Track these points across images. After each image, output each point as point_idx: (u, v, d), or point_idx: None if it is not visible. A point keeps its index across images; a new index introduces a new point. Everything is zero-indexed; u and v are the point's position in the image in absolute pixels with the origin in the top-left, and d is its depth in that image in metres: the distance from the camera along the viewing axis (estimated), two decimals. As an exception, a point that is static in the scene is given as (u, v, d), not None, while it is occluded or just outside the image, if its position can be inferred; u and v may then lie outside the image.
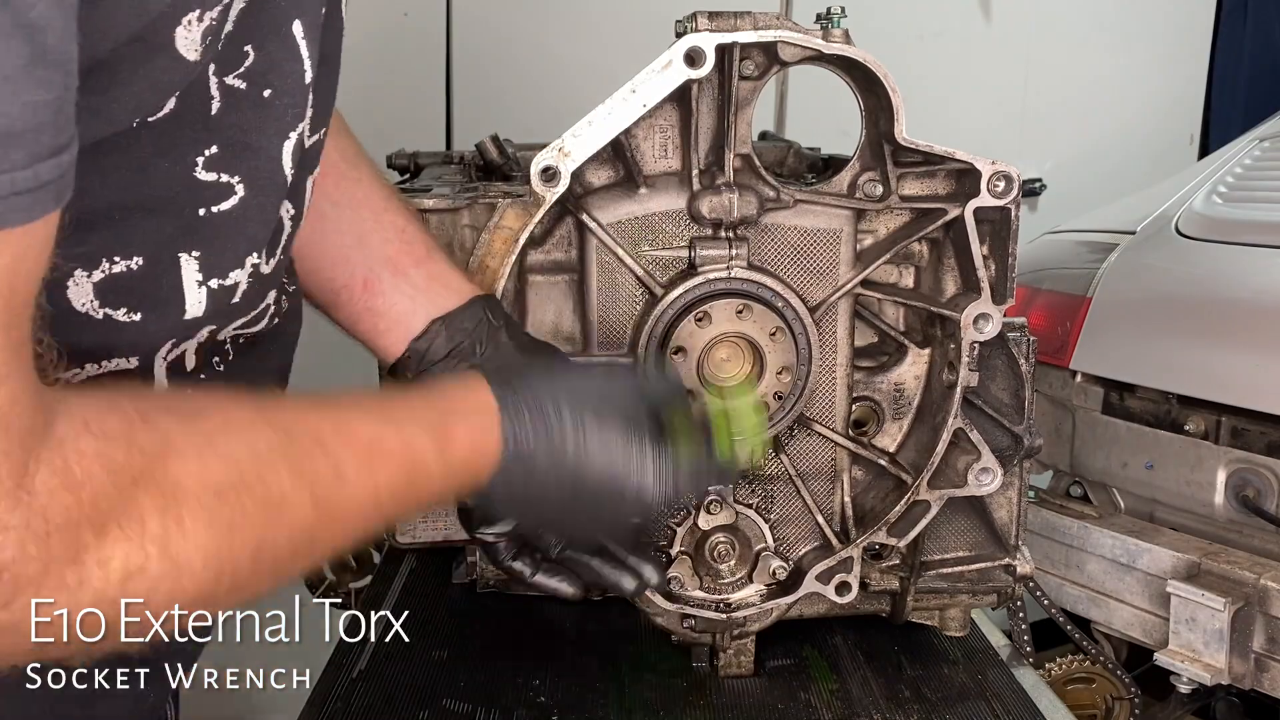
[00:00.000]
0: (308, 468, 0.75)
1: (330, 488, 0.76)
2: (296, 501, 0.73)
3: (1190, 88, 4.07)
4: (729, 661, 1.32)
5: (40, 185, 0.54)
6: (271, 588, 0.76)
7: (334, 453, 0.77)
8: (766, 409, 1.18)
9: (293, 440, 0.75)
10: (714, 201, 1.15)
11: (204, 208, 0.74)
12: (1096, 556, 2.39)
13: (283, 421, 0.76)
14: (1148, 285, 2.55)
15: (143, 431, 0.65)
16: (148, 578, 0.63)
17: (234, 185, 0.75)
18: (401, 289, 1.07)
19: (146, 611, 0.64)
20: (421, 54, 2.94)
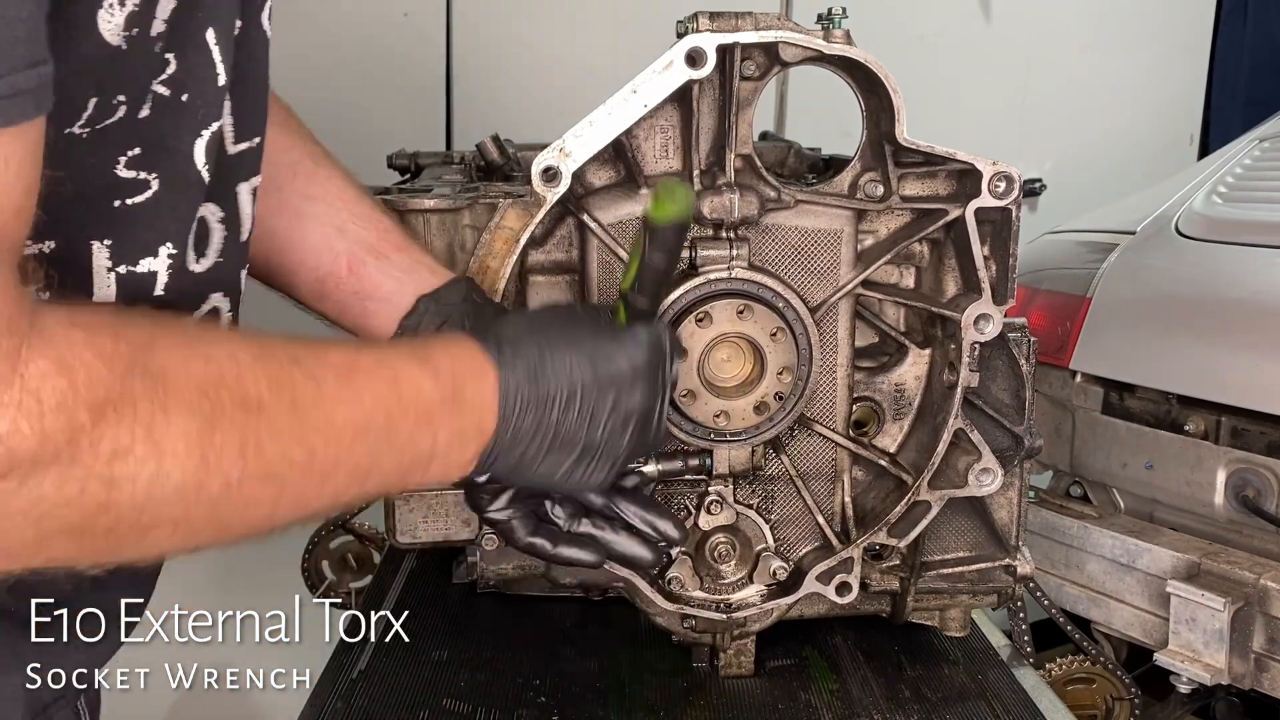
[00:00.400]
0: (284, 378, 0.76)
1: (309, 397, 0.77)
2: (275, 408, 0.75)
3: (1190, 88, 4.07)
4: (729, 661, 1.32)
5: (16, 93, 0.57)
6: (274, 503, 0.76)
7: (310, 369, 0.79)
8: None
9: (268, 354, 0.77)
10: (715, 202, 1.15)
11: (119, 200, 0.78)
12: (1096, 556, 2.39)
13: (256, 339, 0.78)
14: (1148, 285, 2.55)
15: (128, 326, 0.69)
16: (133, 461, 0.66)
17: (149, 181, 0.78)
18: (386, 271, 1.08)
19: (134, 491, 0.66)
20: (421, 54, 2.93)
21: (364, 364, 0.83)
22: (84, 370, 0.64)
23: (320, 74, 2.23)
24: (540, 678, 1.30)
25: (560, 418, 0.93)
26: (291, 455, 0.76)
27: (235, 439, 0.71)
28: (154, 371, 0.68)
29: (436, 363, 0.88)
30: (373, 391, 0.82)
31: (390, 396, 0.83)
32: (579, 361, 0.94)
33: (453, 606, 1.47)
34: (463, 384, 0.89)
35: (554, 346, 0.94)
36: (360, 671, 1.29)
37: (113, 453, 0.65)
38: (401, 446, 0.85)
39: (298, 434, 0.76)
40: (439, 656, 1.34)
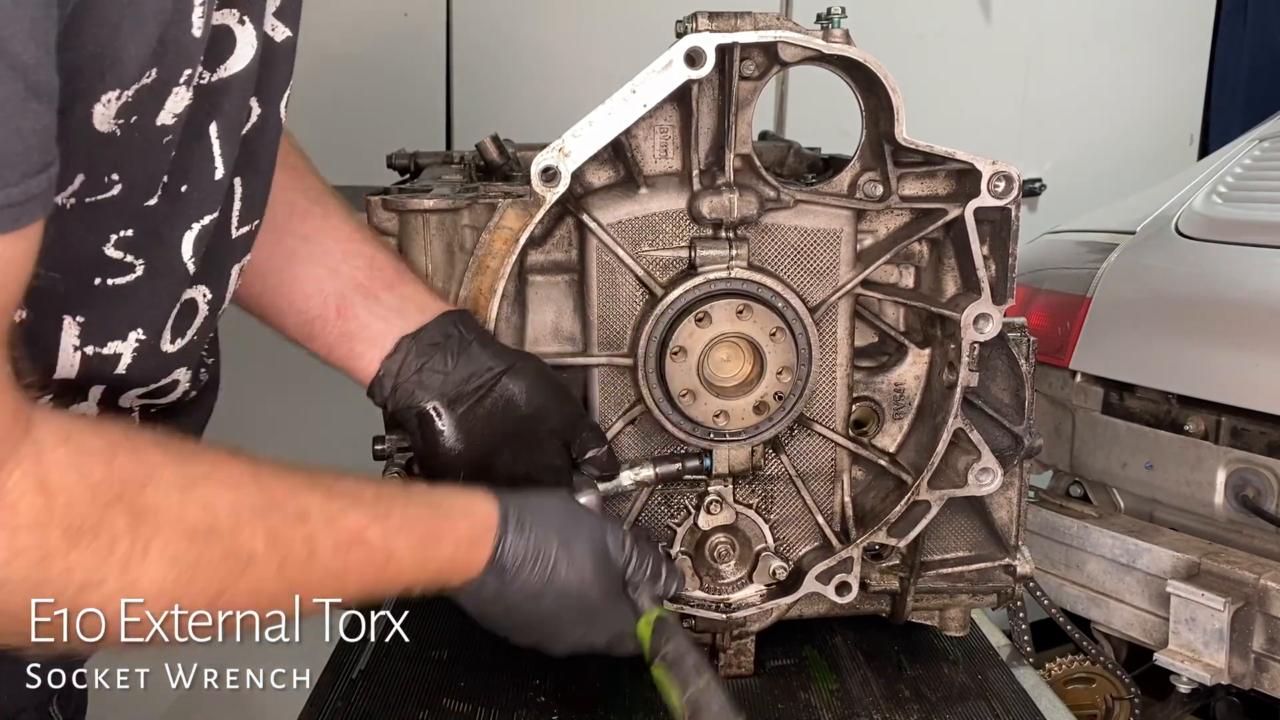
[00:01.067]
0: (284, 538, 0.78)
1: (299, 563, 0.79)
2: (264, 565, 0.76)
3: (1190, 88, 4.07)
4: (729, 661, 1.32)
5: (29, 198, 0.60)
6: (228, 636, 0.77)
7: (314, 532, 0.80)
8: None
9: (277, 508, 0.78)
10: (714, 201, 1.15)
11: (100, 278, 0.79)
12: (1096, 556, 2.39)
13: (272, 487, 0.79)
14: (1148, 285, 2.55)
15: (126, 456, 0.69)
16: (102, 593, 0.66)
17: (135, 265, 0.80)
18: (374, 311, 1.09)
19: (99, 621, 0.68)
20: (421, 54, 2.93)
21: (370, 539, 0.84)
22: (64, 495, 0.64)
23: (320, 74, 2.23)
24: (540, 678, 1.30)
25: (517, 627, 0.98)
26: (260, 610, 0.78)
27: (213, 588, 0.73)
28: (140, 510, 0.68)
29: (436, 559, 0.90)
30: (359, 572, 0.84)
31: (371, 578, 0.85)
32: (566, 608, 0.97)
33: (453, 606, 1.45)
34: (451, 578, 0.92)
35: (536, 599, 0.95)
36: (360, 671, 1.29)
37: (84, 584, 0.65)
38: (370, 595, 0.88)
39: (274, 591, 0.78)
40: (439, 656, 1.34)
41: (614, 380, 1.21)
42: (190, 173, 0.80)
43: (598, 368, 1.21)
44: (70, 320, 0.79)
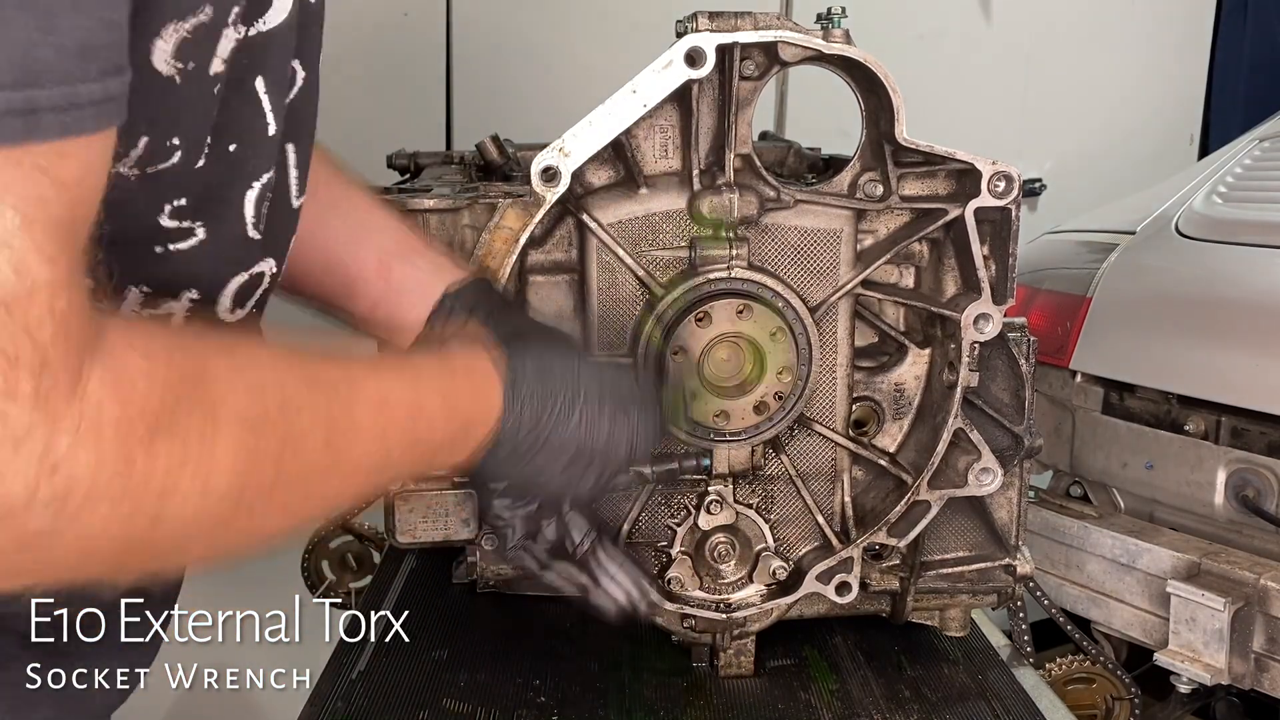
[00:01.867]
0: (324, 411, 0.78)
1: (343, 432, 0.79)
2: (312, 441, 0.76)
3: (1190, 88, 4.06)
4: (729, 661, 1.32)
5: (108, 98, 0.57)
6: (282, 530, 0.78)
7: (349, 401, 0.80)
8: None
9: (313, 384, 0.78)
10: (714, 201, 1.15)
11: (161, 245, 0.78)
12: (1096, 556, 2.39)
13: (305, 365, 0.79)
14: (1148, 285, 2.55)
15: (181, 354, 0.68)
16: (180, 494, 0.65)
17: (195, 229, 0.79)
18: (413, 271, 1.10)
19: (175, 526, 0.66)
20: (421, 54, 2.93)
21: (397, 397, 0.86)
22: (140, 399, 0.62)
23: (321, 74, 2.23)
24: (540, 678, 1.30)
25: (559, 420, 0.96)
26: (311, 488, 0.78)
27: (270, 475, 0.72)
28: (206, 404, 0.67)
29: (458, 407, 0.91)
30: (399, 433, 0.85)
31: (410, 436, 0.87)
32: (586, 371, 0.98)
33: (453, 606, 1.47)
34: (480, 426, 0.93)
35: (564, 354, 0.98)
36: (360, 671, 1.29)
37: (162, 489, 0.64)
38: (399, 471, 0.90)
39: (325, 469, 0.78)
40: (439, 656, 1.34)
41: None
42: (239, 130, 0.78)
43: (598, 368, 1.21)
44: (135, 290, 0.78)
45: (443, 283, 1.09)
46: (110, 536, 0.63)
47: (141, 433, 0.62)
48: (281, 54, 0.80)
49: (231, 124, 0.77)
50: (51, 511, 0.59)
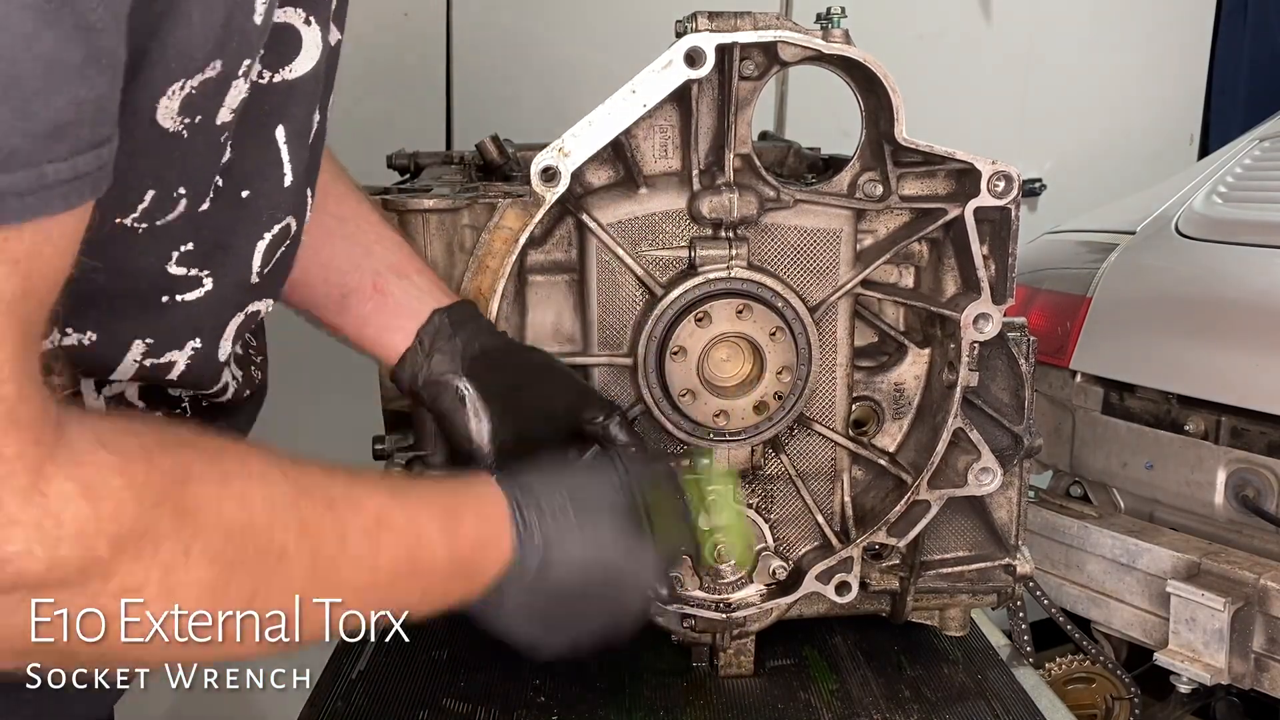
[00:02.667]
0: (314, 527, 0.74)
1: (331, 551, 0.76)
2: (296, 559, 0.73)
3: (1190, 88, 4.06)
4: (729, 661, 1.32)
5: (77, 176, 0.55)
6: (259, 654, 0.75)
7: (341, 517, 0.77)
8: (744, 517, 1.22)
9: (304, 496, 0.75)
10: (714, 201, 1.15)
11: (168, 295, 0.76)
12: (1096, 556, 2.39)
13: (297, 477, 0.76)
14: (1148, 285, 2.55)
15: (161, 455, 0.65)
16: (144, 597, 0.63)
17: (203, 279, 0.77)
18: (408, 288, 1.10)
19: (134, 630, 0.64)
20: (421, 54, 2.93)
21: (394, 521, 0.82)
22: (112, 500, 0.59)
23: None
24: (540, 678, 1.30)
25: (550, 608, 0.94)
26: (290, 606, 0.74)
27: (248, 589, 0.69)
28: (185, 509, 0.64)
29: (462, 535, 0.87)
30: (391, 555, 0.81)
31: (405, 561, 0.83)
32: (592, 568, 0.94)
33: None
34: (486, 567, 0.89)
35: (574, 546, 0.93)
36: (360, 672, 1.29)
37: (122, 589, 0.61)
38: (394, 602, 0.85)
39: (308, 588, 0.75)
40: (439, 656, 1.34)
41: (614, 380, 1.21)
42: (254, 177, 0.77)
43: (597, 368, 1.21)
44: (139, 342, 0.77)
45: (434, 301, 1.09)
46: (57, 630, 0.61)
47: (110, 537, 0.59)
48: (306, 102, 0.79)
49: (247, 170, 0.76)
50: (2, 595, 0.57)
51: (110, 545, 0.59)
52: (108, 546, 0.59)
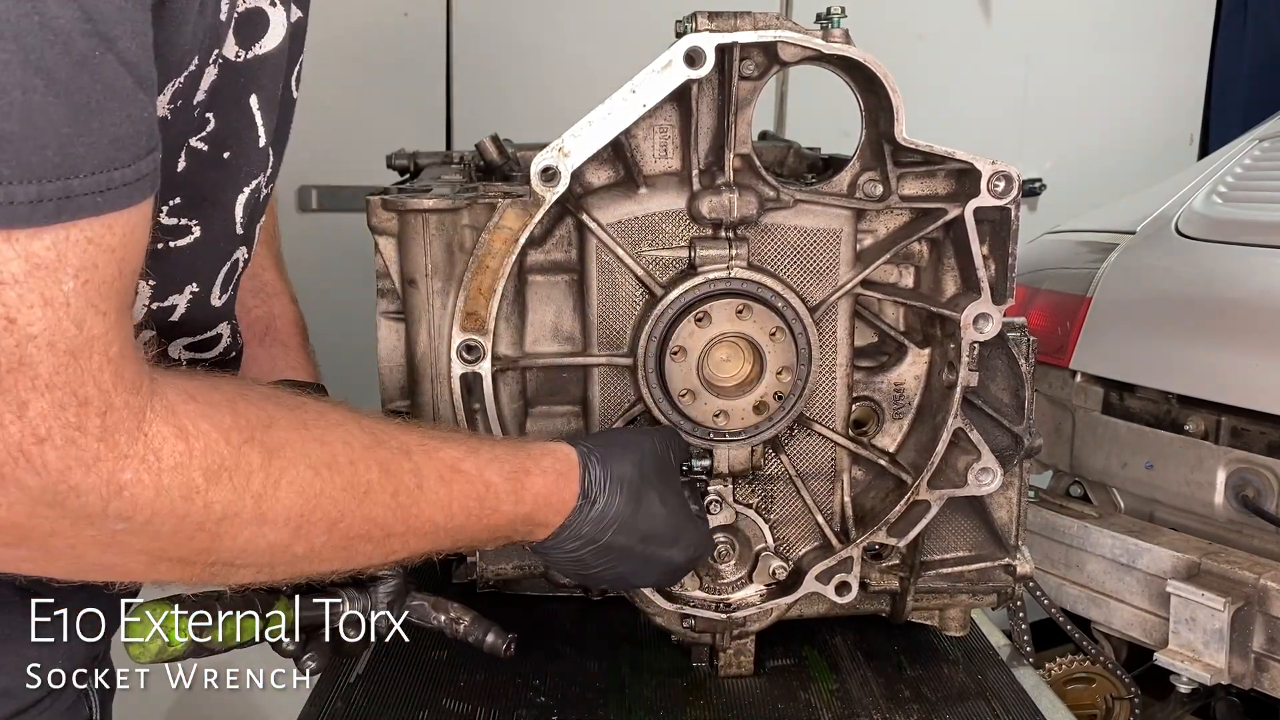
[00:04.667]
0: (393, 469, 0.86)
1: (410, 492, 0.87)
2: (379, 495, 0.84)
3: (1190, 88, 4.07)
4: (729, 661, 1.32)
5: (140, 177, 0.67)
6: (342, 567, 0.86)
7: (418, 463, 0.88)
8: None
9: (382, 443, 0.86)
10: (714, 201, 1.15)
11: (163, 243, 0.86)
12: (1096, 556, 2.39)
13: (373, 428, 0.87)
14: (1148, 285, 2.55)
15: (245, 404, 0.77)
16: (239, 523, 0.74)
17: (192, 227, 0.88)
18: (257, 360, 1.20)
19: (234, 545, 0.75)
20: (421, 54, 2.93)
21: (466, 469, 0.92)
22: (202, 440, 0.71)
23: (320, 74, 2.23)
24: (540, 678, 1.30)
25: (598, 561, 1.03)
26: (373, 536, 0.85)
27: (331, 516, 0.80)
28: (271, 448, 0.76)
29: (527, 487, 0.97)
30: (462, 499, 0.91)
31: (473, 508, 0.93)
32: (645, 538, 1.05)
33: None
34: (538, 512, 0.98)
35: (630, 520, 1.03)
36: (360, 672, 1.29)
37: (223, 515, 0.73)
38: (460, 542, 0.95)
39: (386, 521, 0.85)
40: (439, 656, 1.34)
41: (614, 380, 1.21)
42: (232, 140, 0.87)
43: (597, 368, 1.21)
44: (144, 284, 0.87)
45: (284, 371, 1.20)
46: (176, 545, 0.73)
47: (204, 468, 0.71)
48: (274, 74, 0.89)
49: (226, 135, 0.86)
50: (123, 522, 0.69)
51: (205, 476, 0.71)
52: (203, 477, 0.71)
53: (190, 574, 0.77)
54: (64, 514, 0.66)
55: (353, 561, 0.86)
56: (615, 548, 1.03)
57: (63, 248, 0.63)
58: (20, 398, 0.63)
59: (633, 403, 1.20)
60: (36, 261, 0.62)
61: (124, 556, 0.72)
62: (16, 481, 0.64)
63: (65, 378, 0.64)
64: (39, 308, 0.62)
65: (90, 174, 0.63)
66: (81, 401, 0.65)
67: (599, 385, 1.21)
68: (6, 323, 0.62)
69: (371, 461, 0.84)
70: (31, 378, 0.63)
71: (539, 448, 1.01)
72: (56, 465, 0.65)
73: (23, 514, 0.65)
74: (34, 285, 0.62)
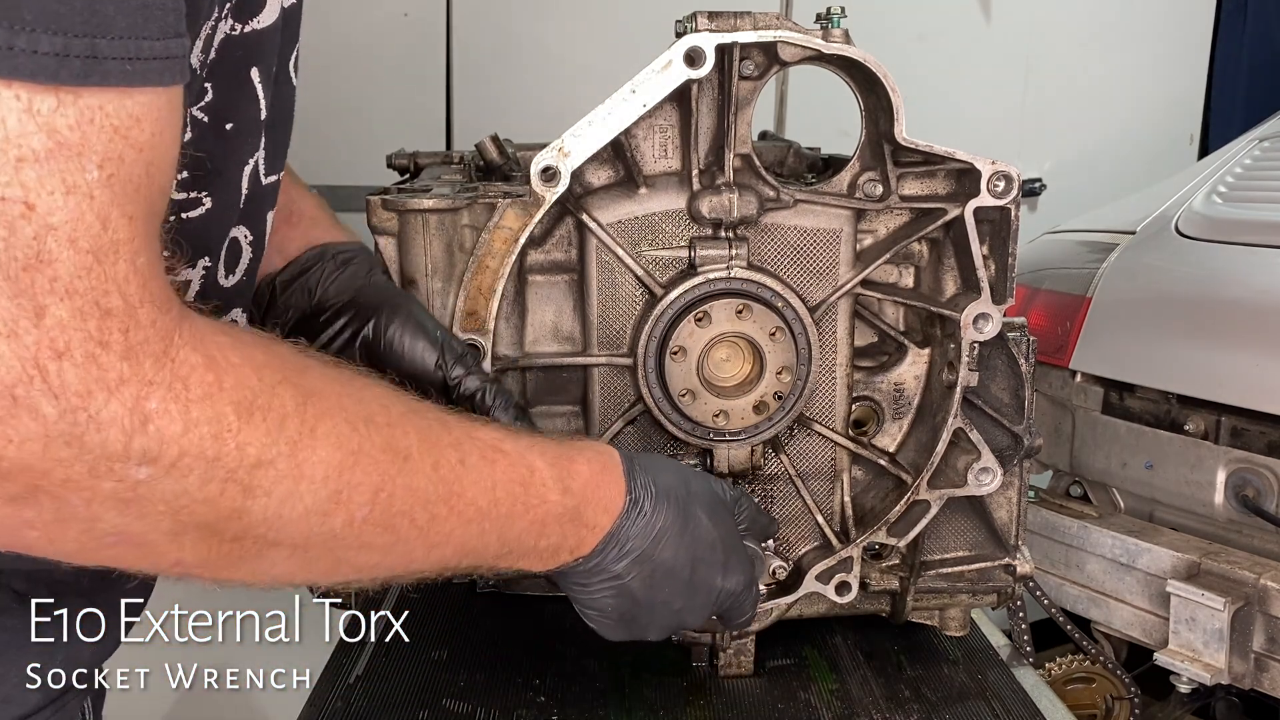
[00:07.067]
0: (433, 439, 0.78)
1: (452, 466, 0.78)
2: (419, 464, 0.75)
3: (1190, 88, 4.07)
4: (729, 661, 1.32)
5: (170, 56, 0.60)
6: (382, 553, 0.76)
7: (458, 437, 0.80)
8: None
9: (418, 412, 0.78)
10: (714, 201, 1.15)
11: (174, 215, 0.80)
12: (1096, 556, 2.39)
13: (407, 396, 0.80)
14: (1148, 285, 2.55)
15: (278, 347, 0.70)
16: (274, 473, 0.66)
17: (202, 199, 0.83)
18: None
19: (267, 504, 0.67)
20: (421, 54, 2.94)
21: (507, 450, 0.84)
22: (233, 373, 0.64)
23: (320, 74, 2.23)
24: (540, 678, 1.30)
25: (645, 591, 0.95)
26: (415, 515, 0.76)
27: (372, 482, 0.72)
28: (307, 391, 0.68)
29: (573, 474, 0.89)
30: (506, 481, 0.83)
31: (518, 492, 0.84)
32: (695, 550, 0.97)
33: (453, 606, 1.47)
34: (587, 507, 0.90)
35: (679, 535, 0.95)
36: (360, 672, 1.29)
37: (257, 460, 0.65)
38: (508, 540, 0.85)
39: (429, 497, 0.77)
40: (439, 656, 1.34)
41: (613, 380, 1.21)
42: (235, 112, 0.83)
43: (597, 368, 1.21)
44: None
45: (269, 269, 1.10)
46: (205, 503, 0.64)
47: (235, 403, 0.64)
48: (272, 50, 0.85)
49: (229, 106, 0.82)
50: (148, 464, 0.60)
51: (236, 411, 0.64)
52: (234, 412, 0.63)
53: (218, 552, 0.67)
54: (82, 454, 0.59)
55: (393, 551, 0.76)
56: (665, 569, 0.94)
57: (87, 130, 0.57)
58: (38, 301, 0.56)
59: (633, 403, 1.21)
60: (59, 139, 0.56)
61: (145, 521, 0.63)
62: (31, 408, 0.56)
63: (88, 283, 0.57)
64: (60, 194, 0.56)
65: (118, 37, 0.57)
66: (105, 312, 0.58)
67: (599, 385, 1.21)
68: (24, 208, 0.55)
69: (409, 427, 0.76)
70: (50, 278, 0.56)
71: (575, 441, 0.94)
72: (76, 386, 0.57)
73: (36, 452, 0.57)
74: (55, 167, 0.56)
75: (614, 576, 0.93)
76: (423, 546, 0.78)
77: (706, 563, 0.98)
